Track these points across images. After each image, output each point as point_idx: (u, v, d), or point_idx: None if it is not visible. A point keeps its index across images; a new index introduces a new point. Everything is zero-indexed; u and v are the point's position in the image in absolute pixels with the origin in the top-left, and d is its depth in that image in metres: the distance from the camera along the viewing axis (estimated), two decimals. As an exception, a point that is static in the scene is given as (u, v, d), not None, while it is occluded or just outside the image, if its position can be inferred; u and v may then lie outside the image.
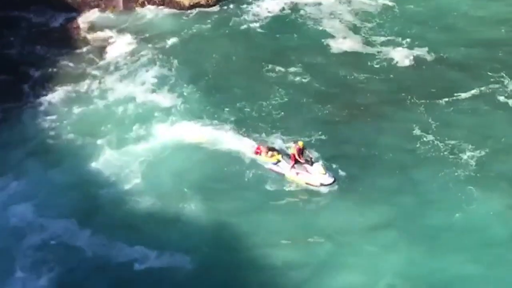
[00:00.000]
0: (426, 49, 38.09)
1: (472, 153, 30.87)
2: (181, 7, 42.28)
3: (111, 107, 34.97)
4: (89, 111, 34.86)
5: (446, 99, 34.50)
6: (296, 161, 29.93)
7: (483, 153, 30.94)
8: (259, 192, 29.78)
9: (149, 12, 42.19)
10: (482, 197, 28.73)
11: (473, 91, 34.85)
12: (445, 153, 31.16)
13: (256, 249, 27.49)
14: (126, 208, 29.40)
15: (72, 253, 27.64)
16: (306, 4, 42.12)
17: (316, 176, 29.55)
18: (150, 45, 39.36)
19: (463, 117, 33.45)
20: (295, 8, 41.92)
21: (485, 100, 34.35)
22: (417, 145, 31.73)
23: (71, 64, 38.12)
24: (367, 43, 38.88)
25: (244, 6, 42.19)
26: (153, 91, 35.84)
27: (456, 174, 30.02)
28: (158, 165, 31.31)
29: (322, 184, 29.44)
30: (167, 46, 39.25)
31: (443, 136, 31.96)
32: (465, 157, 30.78)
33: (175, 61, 37.77)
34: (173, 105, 34.74)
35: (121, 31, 40.67)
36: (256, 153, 30.91)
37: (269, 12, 41.65)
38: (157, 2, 42.42)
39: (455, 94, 34.70)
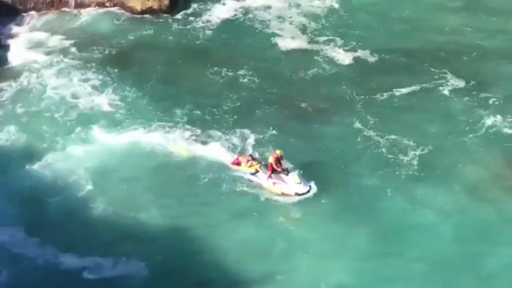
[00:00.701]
0: (369, 49, 39.09)
1: (414, 151, 31.49)
2: (132, 11, 42.03)
3: (52, 110, 34.33)
4: (30, 113, 34.28)
5: (388, 96, 35.37)
6: (273, 171, 29.48)
7: (424, 150, 31.59)
8: (221, 199, 29.57)
9: (98, 15, 41.96)
10: (425, 194, 29.32)
11: (414, 88, 35.82)
12: (387, 150, 31.71)
13: (216, 256, 27.28)
14: (76, 215, 28.73)
15: (19, 262, 26.79)
16: (256, 9, 42.74)
17: (291, 185, 29.10)
18: (96, 48, 39.01)
19: (404, 114, 34.23)
20: (245, 13, 42.40)
21: (426, 96, 35.36)
22: (359, 142, 32.40)
23: (11, 65, 37.82)
24: (314, 43, 39.75)
25: (197, 11, 42.54)
26: (97, 94, 35.42)
27: (398, 172, 30.55)
28: (105, 170, 30.75)
29: (297, 194, 29.04)
30: (114, 50, 38.96)
31: (385, 133, 32.54)
32: (408, 154, 31.47)
33: (121, 65, 37.43)
34: (117, 109, 34.41)
35: (68, 33, 40.37)
36: (234, 163, 30.43)
37: (220, 18, 42.00)
38: (108, 5, 42.06)
39: (397, 92, 35.60)
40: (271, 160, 29.45)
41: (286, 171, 29.42)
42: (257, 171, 29.86)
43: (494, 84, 35.94)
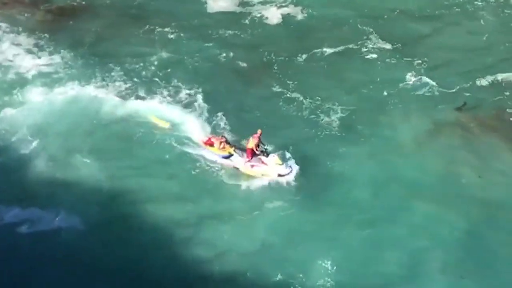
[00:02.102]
0: (299, 7, 39.66)
1: (337, 112, 32.30)
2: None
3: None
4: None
5: (313, 57, 36.09)
6: (253, 156, 28.47)
7: (347, 110, 32.49)
8: (163, 163, 29.54)
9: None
10: (347, 153, 30.14)
11: (339, 49, 36.62)
12: (310, 111, 32.48)
13: (153, 216, 27.66)
14: (17, 172, 29.06)
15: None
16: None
17: (272, 167, 28.17)
18: (27, 12, 39.02)
19: (329, 75, 35.01)
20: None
21: (351, 58, 36.20)
22: (282, 104, 32.96)
23: None
24: (244, 4, 40.19)
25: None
26: (32, 57, 35.53)
27: (320, 132, 31.31)
28: (46, 128, 31.06)
29: (279, 175, 28.06)
30: (48, 15, 39.17)
31: (308, 94, 33.31)
32: (330, 115, 32.25)
33: (55, 29, 37.72)
34: (53, 70, 34.64)
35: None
36: (206, 144, 29.36)
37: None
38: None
39: (322, 52, 36.37)
40: (252, 143, 28.43)
41: (266, 153, 28.55)
42: (231, 155, 28.90)
43: (419, 47, 36.55)
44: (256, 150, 28.32)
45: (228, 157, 28.88)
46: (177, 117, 31.57)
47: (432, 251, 25.69)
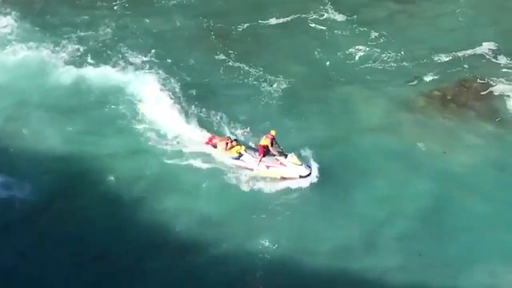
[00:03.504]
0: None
1: (282, 83, 32.18)
2: None
3: None
4: None
5: (260, 27, 36.16)
6: (265, 154, 26.95)
7: (292, 81, 32.40)
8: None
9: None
10: (292, 124, 29.95)
11: (289, 18, 36.58)
12: (255, 80, 32.40)
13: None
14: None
15: None
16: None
17: (292, 168, 26.67)
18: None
19: (277, 45, 34.96)
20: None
21: (301, 28, 36.05)
22: (224, 73, 32.88)
23: None
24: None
25: None
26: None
27: (264, 101, 31.27)
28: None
29: (301, 176, 26.58)
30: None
31: (253, 65, 33.17)
32: (273, 84, 32.14)
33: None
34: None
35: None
36: (208, 143, 27.88)
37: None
38: None
39: (270, 23, 36.38)
40: (265, 141, 26.85)
41: (283, 154, 26.99)
42: (241, 155, 27.31)
43: (376, 20, 36.46)
44: (271, 149, 26.83)
45: (237, 158, 27.33)
46: (129, 81, 31.26)
47: (391, 227, 25.64)
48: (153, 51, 33.53)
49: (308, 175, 26.53)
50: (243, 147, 27.29)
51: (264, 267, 24.25)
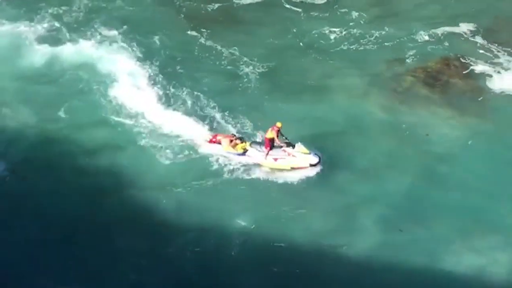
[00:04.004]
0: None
1: (256, 66, 31.84)
2: None
3: None
4: None
5: (235, 4, 35.97)
6: (272, 146, 26.68)
7: (267, 65, 31.94)
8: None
9: None
10: (269, 106, 29.73)
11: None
12: (228, 62, 32.11)
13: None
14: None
15: None
16: None
17: (301, 157, 26.41)
18: None
19: (249, 27, 34.66)
20: None
21: (272, 7, 35.87)
22: (199, 53, 32.60)
23: None
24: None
25: None
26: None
27: (240, 85, 30.93)
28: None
29: (311, 165, 26.35)
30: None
31: (227, 46, 32.89)
32: (248, 66, 31.84)
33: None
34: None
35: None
36: (212, 141, 27.24)
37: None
38: None
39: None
40: (270, 134, 26.47)
41: (291, 144, 26.72)
42: (246, 151, 27.00)
43: (354, 0, 36.26)
44: (277, 141, 26.57)
45: (243, 154, 27.01)
46: (103, 58, 31.06)
47: (372, 203, 25.60)
48: (125, 27, 33.30)
49: (318, 162, 26.37)
50: (247, 143, 27.03)
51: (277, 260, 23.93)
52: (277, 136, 26.38)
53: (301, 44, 33.45)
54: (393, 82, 31.21)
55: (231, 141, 26.82)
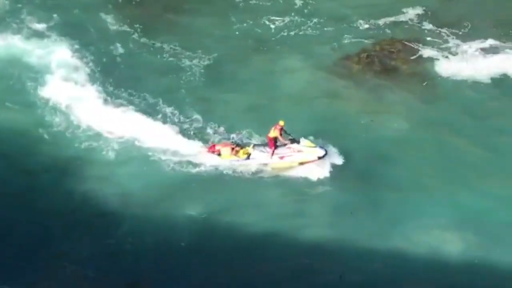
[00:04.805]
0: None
1: (200, 59, 31.18)
2: None
3: None
4: None
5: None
6: (276, 145, 26.28)
7: (213, 52, 31.45)
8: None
9: None
10: (231, 100, 29.23)
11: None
12: (174, 57, 31.34)
13: None
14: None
15: None
16: None
17: (308, 152, 26.09)
18: None
19: (189, 13, 34.01)
20: None
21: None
22: (141, 51, 31.63)
23: None
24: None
25: None
26: None
27: (186, 79, 30.26)
28: None
29: (319, 158, 26.08)
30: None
31: (171, 42, 32.02)
32: (193, 60, 31.18)
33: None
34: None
35: None
36: (210, 151, 26.46)
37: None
38: None
39: None
40: (274, 133, 26.08)
41: (295, 140, 26.35)
42: (249, 155, 26.49)
43: None
44: (281, 140, 26.13)
45: (247, 158, 26.39)
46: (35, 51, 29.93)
47: (321, 188, 25.45)
48: (55, 20, 32.04)
49: (325, 154, 26.12)
50: (250, 147, 26.58)
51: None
52: (281, 134, 26.05)
53: (242, 33, 32.85)
54: (338, 68, 30.91)
55: (232, 149, 26.37)
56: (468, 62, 30.77)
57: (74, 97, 28.08)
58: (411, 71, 30.72)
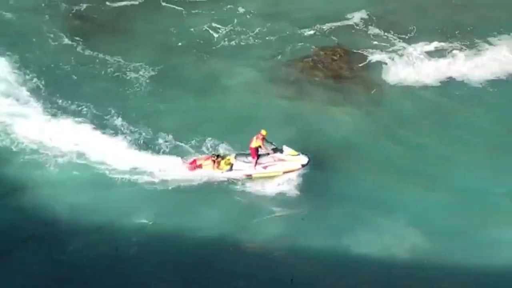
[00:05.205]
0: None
1: (152, 72, 30.77)
2: None
3: None
4: None
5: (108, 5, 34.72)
6: (258, 155, 25.96)
7: (157, 64, 31.14)
8: None
9: None
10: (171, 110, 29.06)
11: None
12: (116, 69, 30.85)
13: None
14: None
15: None
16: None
17: (292, 160, 25.93)
18: None
19: (129, 24, 33.58)
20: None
21: (149, 7, 34.81)
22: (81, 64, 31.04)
23: None
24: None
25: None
26: None
27: (129, 90, 29.87)
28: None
29: (302, 165, 25.94)
30: None
31: (109, 50, 31.69)
32: (140, 71, 30.76)
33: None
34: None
35: None
36: (194, 167, 25.96)
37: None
38: None
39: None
40: (256, 144, 25.76)
41: (278, 149, 26.07)
42: (232, 165, 26.13)
43: None
44: (264, 149, 25.81)
45: (230, 170, 26.03)
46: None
47: (272, 200, 25.39)
48: None
49: (308, 161, 25.95)
50: (232, 156, 26.21)
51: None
52: (263, 143, 25.75)
53: (186, 43, 32.57)
54: (284, 75, 30.82)
55: (213, 161, 25.96)
56: (414, 66, 30.96)
57: (16, 114, 27.36)
58: (357, 76, 30.76)
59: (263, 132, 25.63)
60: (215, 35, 32.83)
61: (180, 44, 32.40)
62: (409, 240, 23.73)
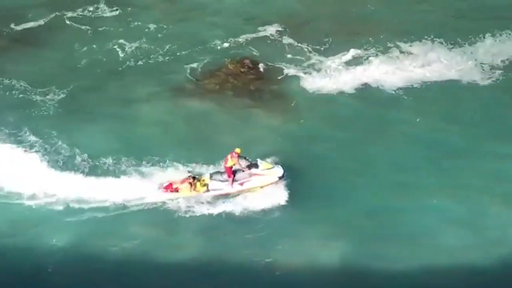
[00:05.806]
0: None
1: (62, 95, 30.07)
2: None
3: None
4: None
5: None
6: (234, 173, 25.70)
7: (65, 86, 30.40)
8: None
9: None
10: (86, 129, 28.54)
11: (46, 18, 34.34)
12: (22, 92, 30.07)
13: None
14: None
15: None
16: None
17: (268, 174, 25.79)
18: None
19: (34, 46, 32.77)
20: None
21: (56, 26, 33.98)
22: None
23: None
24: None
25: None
26: None
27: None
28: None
29: (279, 178, 25.80)
30: None
31: (14, 72, 30.92)
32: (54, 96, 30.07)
33: None
34: None
35: None
36: (170, 191, 25.45)
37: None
38: None
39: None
40: (231, 162, 25.48)
41: (254, 165, 25.93)
42: (207, 185, 25.80)
43: (146, 13, 34.87)
44: (239, 167, 25.71)
45: (207, 191, 25.81)
46: None
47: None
48: None
49: (284, 172, 26.02)
50: (207, 177, 25.96)
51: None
52: (238, 161, 25.66)
53: (93, 63, 31.94)
54: (197, 91, 30.60)
55: (190, 184, 25.60)
56: (331, 77, 30.92)
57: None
58: (274, 89, 30.59)
59: (237, 150, 25.42)
60: (122, 55, 32.14)
61: (87, 65, 31.71)
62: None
